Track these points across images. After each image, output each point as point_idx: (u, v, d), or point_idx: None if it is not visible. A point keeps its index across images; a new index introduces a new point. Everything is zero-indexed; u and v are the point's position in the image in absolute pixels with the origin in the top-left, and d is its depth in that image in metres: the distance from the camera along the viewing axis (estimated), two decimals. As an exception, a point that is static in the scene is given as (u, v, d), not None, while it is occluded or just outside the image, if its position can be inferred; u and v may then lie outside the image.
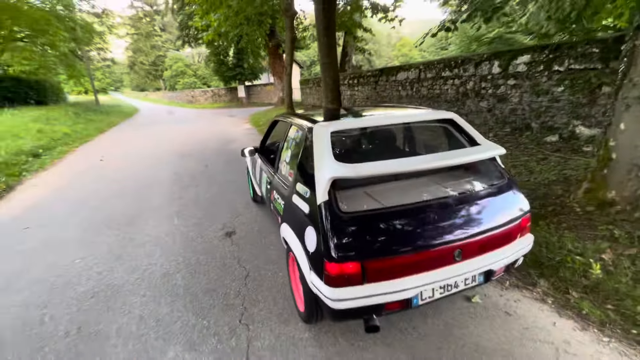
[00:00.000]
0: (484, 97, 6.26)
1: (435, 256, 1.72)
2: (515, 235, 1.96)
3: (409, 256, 1.68)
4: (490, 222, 1.86)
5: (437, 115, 2.44)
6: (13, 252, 3.38)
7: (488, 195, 1.98)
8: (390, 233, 1.69)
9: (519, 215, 1.97)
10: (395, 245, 1.67)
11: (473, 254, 1.80)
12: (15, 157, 7.36)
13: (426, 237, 1.72)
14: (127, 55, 56.58)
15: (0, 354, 2.02)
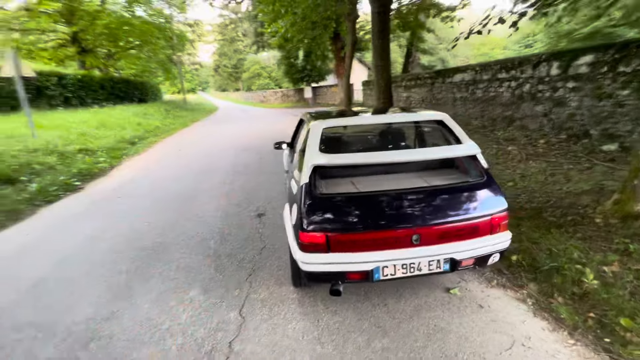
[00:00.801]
0: (540, 101, 5.83)
1: (392, 237, 1.98)
2: (484, 230, 2.08)
3: (367, 233, 1.97)
4: (454, 214, 2.03)
5: (428, 117, 2.62)
6: (108, 213, 4.47)
7: (459, 190, 2.14)
8: (353, 213, 2.01)
9: (489, 212, 2.09)
10: (356, 223, 1.99)
11: (432, 241, 2.01)
12: (118, 144, 9.22)
13: (385, 219, 1.99)
14: (213, 59, 63.30)
15: (84, 279, 2.87)
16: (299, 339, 2.05)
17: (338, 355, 1.92)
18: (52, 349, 2.05)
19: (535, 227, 3.03)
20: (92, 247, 3.46)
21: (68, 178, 5.93)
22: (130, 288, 2.68)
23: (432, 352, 1.90)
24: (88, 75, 14.51)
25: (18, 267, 3.12)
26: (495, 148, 5.50)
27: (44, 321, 2.31)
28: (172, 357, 1.95)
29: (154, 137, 11.76)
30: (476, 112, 7.79)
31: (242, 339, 2.07)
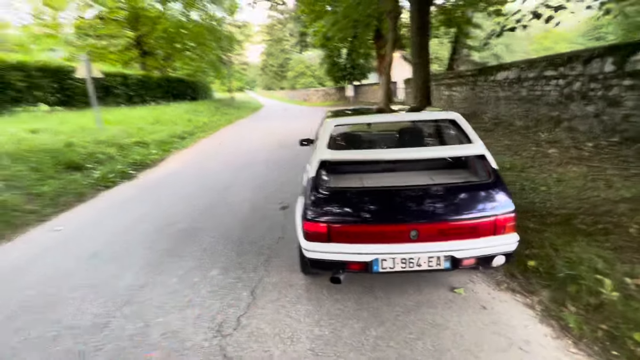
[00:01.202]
0: (592, 100, 5.35)
1: (390, 231, 2.06)
2: (486, 231, 2.07)
3: (366, 226, 2.08)
4: (454, 213, 2.06)
5: (441, 116, 2.63)
6: (154, 198, 5.03)
7: (461, 190, 2.15)
8: (354, 206, 2.13)
9: (493, 213, 2.07)
10: (356, 216, 2.10)
11: (431, 238, 2.05)
12: (169, 138, 10.12)
13: (384, 214, 2.08)
14: (261, 58, 65.74)
15: (129, 254, 3.31)
16: (300, 320, 2.22)
17: (333, 338, 2.06)
18: (95, 308, 2.45)
19: (562, 233, 2.87)
20: (138, 228, 3.94)
21: (125, 167, 6.70)
22: (163, 264, 3.05)
23: (424, 345, 1.96)
24: (147, 76, 16.03)
25: (79, 241, 3.68)
26: (534, 150, 5.16)
27: (93, 285, 2.75)
28: (189, 325, 2.23)
29: (202, 132, 12.66)
30: (520, 112, 7.31)
31: (249, 315, 2.30)
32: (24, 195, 4.68)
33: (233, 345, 2.03)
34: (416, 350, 1.93)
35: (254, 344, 2.03)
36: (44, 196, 4.78)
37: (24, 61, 9.76)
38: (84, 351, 2.03)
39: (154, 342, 2.09)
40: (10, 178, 4.92)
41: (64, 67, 10.96)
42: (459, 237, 2.07)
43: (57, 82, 10.93)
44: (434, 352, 1.91)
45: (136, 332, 2.18)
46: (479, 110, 9.16)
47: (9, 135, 6.46)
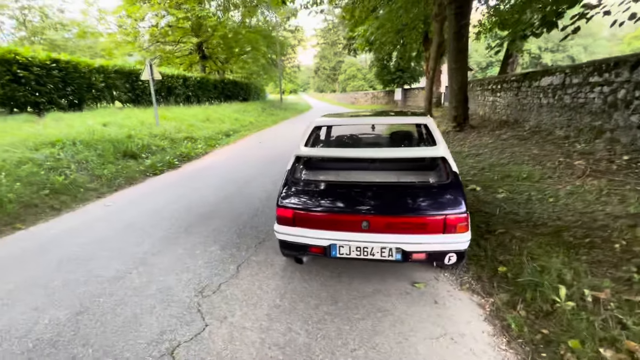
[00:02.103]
0: (637, 110, 4.86)
1: (344, 220, 2.31)
2: (435, 228, 2.22)
3: (323, 214, 2.35)
4: (403, 208, 2.24)
5: (416, 120, 2.78)
6: (188, 185, 5.76)
7: (417, 189, 2.32)
8: (316, 196, 2.42)
9: (442, 212, 2.21)
10: (316, 205, 2.39)
11: (380, 229, 2.26)
12: (215, 135, 11.17)
13: (340, 204, 2.34)
14: (314, 61, 67.44)
15: (154, 227, 3.96)
16: (267, 292, 2.58)
17: (289, 308, 2.37)
18: (118, 264, 3.06)
19: (546, 244, 2.81)
20: (168, 207, 4.63)
21: (172, 158, 7.67)
22: (177, 238, 3.63)
23: (364, 325, 2.18)
24: (205, 78, 17.67)
25: (121, 215, 4.46)
26: (561, 161, 4.84)
27: (121, 248, 3.40)
28: (182, 285, 2.72)
29: (246, 131, 13.66)
30: (562, 121, 6.78)
31: (229, 284, 2.71)
32: (89, 176, 5.72)
33: (207, 304, 2.45)
34: (355, 328, 2.16)
35: (223, 305, 2.44)
36: (103, 178, 5.78)
37: (104, 65, 11.55)
38: (101, 293, 2.62)
39: (150, 293, 2.60)
40: (81, 161, 6.02)
41: (135, 70, 12.68)
42: (408, 231, 2.24)
43: (129, 83, 12.68)
44: (370, 332, 2.12)
45: (141, 285, 2.73)
46: (521, 118, 8.61)
47: (86, 127, 7.80)
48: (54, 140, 6.28)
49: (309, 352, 1.97)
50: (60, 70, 9.84)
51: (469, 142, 7.82)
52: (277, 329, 2.18)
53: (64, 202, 4.79)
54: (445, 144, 2.56)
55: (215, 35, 17.13)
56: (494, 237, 3.14)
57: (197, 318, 2.30)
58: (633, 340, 1.79)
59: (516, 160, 5.51)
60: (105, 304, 2.48)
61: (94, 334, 2.17)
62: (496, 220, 3.50)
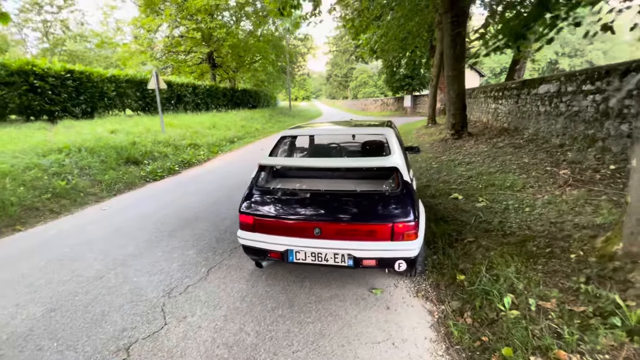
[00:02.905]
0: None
1: (297, 226, 2.41)
2: (383, 235, 2.29)
3: (279, 221, 2.47)
4: (352, 216, 2.32)
5: (376, 131, 2.87)
6: (182, 190, 5.99)
7: (368, 197, 2.40)
8: (275, 203, 2.53)
9: (390, 221, 2.28)
10: (273, 212, 2.51)
11: (331, 236, 2.35)
12: (219, 142, 11.48)
13: (294, 212, 2.44)
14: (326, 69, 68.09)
15: (140, 231, 4.16)
16: (230, 294, 2.69)
17: (246, 310, 2.48)
18: (99, 265, 3.25)
19: (508, 253, 2.83)
20: (159, 212, 4.84)
21: (173, 164, 7.96)
22: (159, 241, 3.81)
23: (313, 328, 2.27)
24: (214, 86, 18.18)
25: (113, 218, 4.69)
26: (547, 170, 4.79)
27: (106, 250, 3.60)
28: (153, 285, 2.87)
29: (251, 137, 13.96)
30: (558, 129, 6.68)
31: (197, 286, 2.85)
32: (90, 181, 6.02)
33: (172, 304, 2.59)
34: (304, 331, 2.25)
35: (186, 305, 2.57)
36: (103, 183, 6.08)
37: (116, 74, 12.11)
38: (78, 292, 2.80)
39: (123, 292, 2.77)
40: (85, 167, 6.35)
41: (146, 79, 13.21)
42: (357, 238, 2.33)
43: (140, 91, 13.21)
44: (317, 334, 2.20)
45: (116, 285, 2.90)
46: (521, 126, 8.51)
47: (93, 134, 8.21)
48: (61, 147, 6.66)
49: (253, 352, 2.07)
50: (75, 80, 10.40)
51: (465, 150, 7.79)
52: (229, 329, 2.29)
53: (64, 206, 5.07)
54: (400, 153, 2.63)
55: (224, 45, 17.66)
56: (461, 246, 3.17)
57: (159, 317, 2.44)
58: (564, 350, 1.81)
59: (505, 168, 5.47)
60: (79, 302, 2.65)
61: (62, 329, 2.34)
62: (469, 229, 3.52)
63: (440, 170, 6.38)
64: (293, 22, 10.59)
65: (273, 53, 20.98)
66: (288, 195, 2.56)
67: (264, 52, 20.75)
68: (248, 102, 22.26)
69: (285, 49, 23.71)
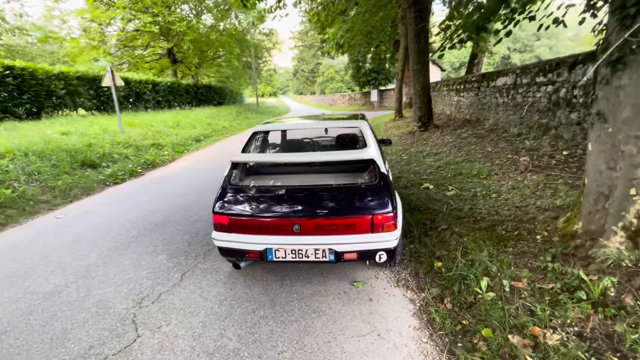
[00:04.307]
0: (575, 107, 5.17)
1: (276, 224, 2.34)
2: (363, 228, 2.28)
3: (257, 219, 2.38)
4: (332, 210, 2.30)
5: (350, 124, 2.86)
6: (146, 193, 5.65)
7: (346, 191, 2.38)
8: (250, 202, 2.44)
9: (369, 213, 2.28)
10: (250, 210, 2.41)
11: (311, 231, 2.31)
12: (184, 141, 10.97)
13: (272, 209, 2.37)
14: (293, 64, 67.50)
15: (102, 239, 3.86)
16: (207, 299, 2.57)
17: (225, 314, 2.38)
18: (56, 279, 2.97)
19: (480, 238, 2.95)
20: (123, 218, 4.52)
21: (135, 166, 7.48)
22: (125, 248, 3.55)
23: (297, 326, 2.22)
24: (176, 82, 17.33)
25: (71, 227, 4.31)
26: (508, 158, 5.08)
27: (63, 263, 3.29)
28: (122, 295, 2.66)
29: (219, 135, 13.49)
30: (515, 119, 7.11)
31: (170, 293, 2.68)
32: (41, 188, 5.49)
33: (143, 314, 2.42)
34: (288, 330, 2.19)
35: (160, 315, 2.41)
36: (57, 189, 5.57)
37: (64, 71, 11.13)
38: (33, 310, 2.53)
39: (86, 307, 2.54)
40: (33, 172, 5.78)
41: (100, 76, 12.28)
42: (338, 232, 2.30)
43: (94, 89, 12.27)
44: (301, 333, 2.16)
45: (77, 299, 2.65)
46: (482, 117, 8.96)
47: (41, 137, 7.49)
48: (3, 152, 6.00)
49: (237, 357, 1.98)
50: (15, 77, 9.42)
51: (432, 141, 8.06)
52: (209, 335, 2.18)
53: (10, 217, 4.58)
54: (376, 146, 2.64)
55: (185, 39, 16.84)
56: (436, 234, 3.26)
57: (131, 329, 2.27)
58: (538, 326, 1.91)
59: (470, 158, 5.72)
60: (34, 322, 2.40)
61: (17, 353, 2.10)
62: (442, 217, 3.63)
63: (410, 162, 6.54)
64: (258, 16, 10.28)
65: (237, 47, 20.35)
66: (264, 192, 2.48)
67: (227, 47, 20.06)
68: (213, 98, 21.49)
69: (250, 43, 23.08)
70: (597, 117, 2.20)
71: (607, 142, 2.16)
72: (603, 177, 2.23)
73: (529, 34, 55.35)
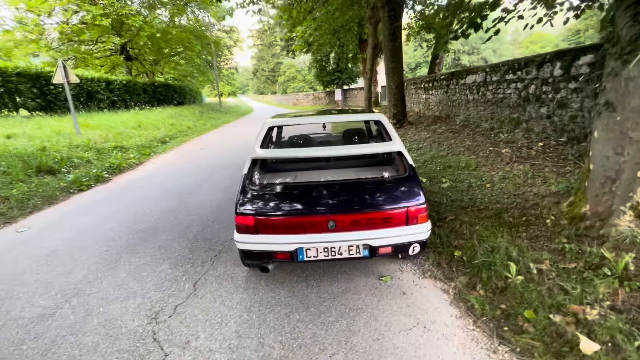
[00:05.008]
0: (545, 102, 5.62)
1: (310, 222, 2.24)
2: (399, 221, 2.26)
3: (288, 218, 2.25)
4: (368, 204, 2.24)
5: (369, 117, 2.83)
6: (121, 200, 5.15)
7: (376, 183, 2.34)
8: (279, 200, 2.30)
9: (404, 205, 2.26)
10: (279, 209, 2.28)
11: (347, 227, 2.23)
12: (150, 142, 10.21)
13: (305, 206, 2.26)
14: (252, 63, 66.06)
15: (85, 251, 3.44)
16: (232, 307, 2.38)
17: (258, 321, 2.22)
18: (42, 301, 2.58)
19: (490, 226, 3.08)
20: (102, 227, 4.06)
21: (100, 171, 6.79)
22: (117, 260, 3.19)
23: (339, 326, 2.13)
24: (132, 81, 16.08)
25: (40, 240, 3.79)
26: (490, 150, 5.41)
27: (45, 281, 2.87)
28: (131, 312, 2.38)
29: (184, 136, 12.75)
30: (486, 115, 7.59)
31: (187, 304, 2.45)
32: (-8, 198, 4.76)
33: (164, 330, 2.18)
34: (331, 331, 2.10)
35: (184, 329, 2.19)
36: (12, 199, 4.87)
37: (1, 67, 9.79)
38: (24, 339, 2.16)
39: (91, 328, 2.23)
40: (-21, 181, 5.00)
41: (45, 73, 10.99)
42: (374, 226, 2.25)
43: (37, 87, 10.95)
44: (346, 332, 2.08)
45: (77, 321, 2.32)
46: (452, 113, 9.45)
47: (-18, 140, 6.52)
48: (-63, 159, 5.12)
49: (286, 366, 1.86)
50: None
51: (409, 137, 8.32)
52: (248, 346, 2.01)
53: (-40, 233, 3.91)
54: (399, 138, 2.64)
55: (141, 35, 15.66)
56: (446, 224, 3.34)
57: (154, 348, 2.03)
58: (574, 303, 2.02)
59: (453, 151, 5.99)
60: (31, 351, 2.05)
61: (20, 390, 1.77)
62: (445, 208, 3.74)
63: (394, 157, 6.68)
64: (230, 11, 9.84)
65: (198, 44, 19.40)
66: (292, 189, 2.35)
67: (187, 43, 19.05)
68: (173, 98, 20.28)
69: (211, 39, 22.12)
70: (605, 107, 2.39)
71: (615, 129, 2.35)
72: (610, 162, 2.42)
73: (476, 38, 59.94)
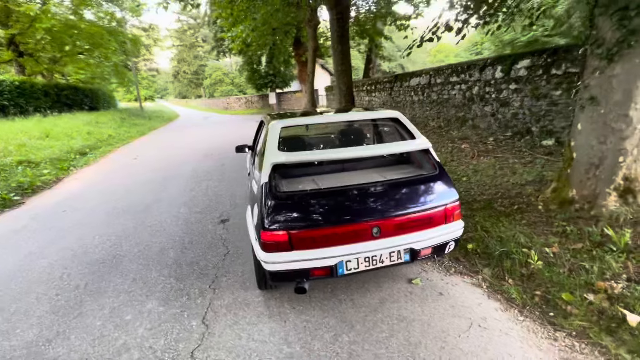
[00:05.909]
0: (488, 102, 6.29)
1: (353, 231, 2.01)
2: (439, 220, 2.19)
3: (328, 229, 1.99)
4: (411, 206, 2.12)
5: (385, 115, 2.73)
6: (50, 227, 4.10)
7: (414, 183, 2.24)
8: (314, 209, 2.02)
9: (442, 203, 2.20)
10: (317, 219, 2.00)
11: (391, 232, 2.07)
12: (66, 155, 8.53)
13: (345, 214, 2.03)
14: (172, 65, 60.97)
15: (23, 300, 2.60)
16: (266, 341, 2.01)
17: (305, 352, 1.90)
18: (-16, 379, 1.83)
19: (488, 216, 3.23)
20: (33, 265, 3.15)
21: (6, 193, 5.37)
22: (79, 305, 2.47)
23: (398, 342, 1.95)
24: (28, 82, 13.29)
25: (-57, 293, 2.76)
26: (451, 146, 5.84)
27: (-25, 350, 2.06)
28: (128, 374, 1.83)
29: (108, 146, 11.02)
30: (432, 114, 8.22)
31: (205, 347, 1.99)
32: None
33: (191, 388, 1.71)
34: (391, 348, 1.90)
35: (216, 380, 1.75)
36: None
37: None
38: None
39: (80, 407, 1.64)
40: None
41: None
42: (417, 228, 2.13)
43: None
44: (408, 347, 1.91)
45: (52, 400, 1.69)
46: (397, 114, 10.03)
47: None
48: None
49: (363, 399, 1.60)
50: None
51: (365, 137, 8.51)
52: (307, 385, 1.70)
53: None
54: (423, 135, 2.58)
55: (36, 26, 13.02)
56: (445, 219, 3.41)
57: (185, 415, 1.57)
58: (599, 280, 2.19)
59: (415, 149, 6.27)
60: None
61: None
62: (434, 203, 3.83)
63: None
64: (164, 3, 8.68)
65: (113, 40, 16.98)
66: (329, 195, 2.08)
67: (99, 39, 16.54)
68: (83, 102, 17.35)
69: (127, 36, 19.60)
70: (589, 101, 2.69)
71: (599, 121, 2.66)
72: (594, 150, 2.74)
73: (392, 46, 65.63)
